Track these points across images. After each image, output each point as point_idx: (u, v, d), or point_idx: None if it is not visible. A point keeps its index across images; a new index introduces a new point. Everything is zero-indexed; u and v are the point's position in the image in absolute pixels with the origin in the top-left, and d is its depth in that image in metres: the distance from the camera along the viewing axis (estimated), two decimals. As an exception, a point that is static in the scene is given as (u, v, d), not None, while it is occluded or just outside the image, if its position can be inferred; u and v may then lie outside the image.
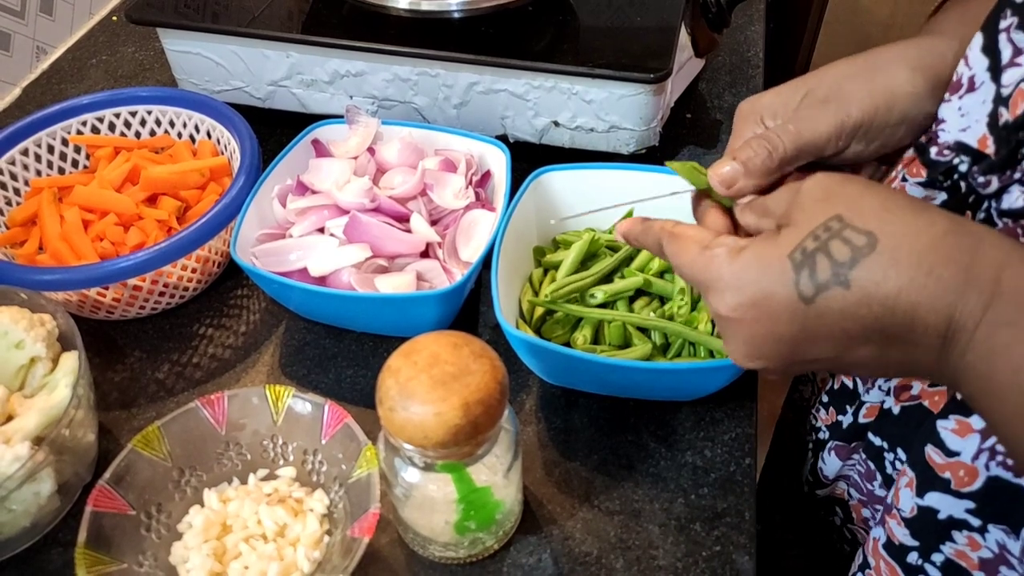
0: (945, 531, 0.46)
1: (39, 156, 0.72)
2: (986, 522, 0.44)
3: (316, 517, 0.52)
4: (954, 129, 0.43)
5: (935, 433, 0.44)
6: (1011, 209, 0.40)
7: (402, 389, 0.44)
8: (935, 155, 0.44)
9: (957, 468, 0.44)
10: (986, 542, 0.44)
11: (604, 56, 0.70)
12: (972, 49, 0.42)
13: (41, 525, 0.54)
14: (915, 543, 0.48)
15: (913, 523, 0.47)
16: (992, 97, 0.41)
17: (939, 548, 0.47)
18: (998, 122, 0.40)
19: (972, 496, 0.44)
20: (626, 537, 0.54)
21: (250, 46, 0.77)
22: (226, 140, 0.72)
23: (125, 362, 0.66)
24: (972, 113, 0.42)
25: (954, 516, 0.45)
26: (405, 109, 0.77)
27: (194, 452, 0.54)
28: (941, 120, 0.44)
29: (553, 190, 0.66)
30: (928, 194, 0.46)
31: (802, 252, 0.36)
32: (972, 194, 0.43)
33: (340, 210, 0.64)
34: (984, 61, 0.41)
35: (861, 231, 0.35)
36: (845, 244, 0.35)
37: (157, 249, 0.61)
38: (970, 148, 0.42)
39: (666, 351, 0.60)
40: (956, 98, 0.43)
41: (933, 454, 0.45)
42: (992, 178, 0.41)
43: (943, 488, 0.45)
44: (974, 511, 0.44)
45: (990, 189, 0.41)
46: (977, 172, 0.41)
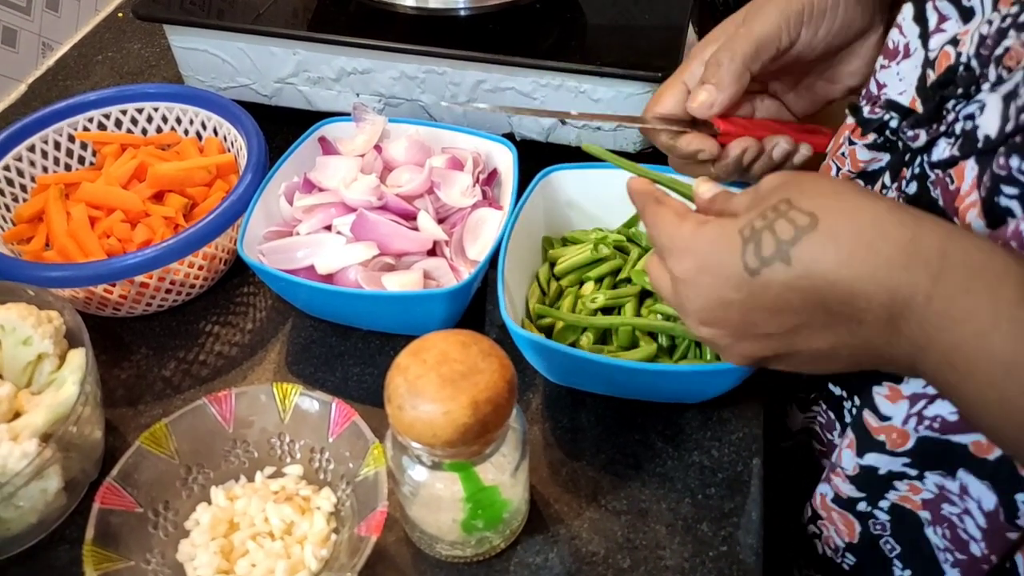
0: (887, 482, 0.48)
1: (46, 153, 0.72)
2: (923, 471, 0.46)
3: (323, 515, 0.52)
4: (894, 93, 0.47)
5: (871, 398, 0.46)
6: (940, 160, 0.42)
7: (411, 387, 0.44)
8: (868, 113, 0.47)
9: (891, 431, 0.46)
10: (925, 486, 0.47)
11: (612, 54, 0.70)
12: (905, 19, 0.45)
13: (48, 522, 0.54)
14: (862, 495, 0.50)
15: (857, 479, 0.50)
16: (922, 61, 0.44)
17: (884, 496, 0.49)
18: (926, 83, 0.43)
19: (906, 454, 0.46)
20: (633, 537, 0.54)
21: (257, 43, 0.76)
22: (233, 137, 0.72)
23: (132, 359, 0.66)
24: (908, 77, 0.46)
25: (892, 470, 0.47)
26: (412, 107, 0.77)
27: (201, 449, 0.54)
28: (883, 85, 0.47)
29: (561, 189, 0.66)
30: (874, 156, 0.49)
31: (750, 228, 0.39)
32: (908, 151, 0.46)
33: (347, 208, 0.64)
34: (916, 29, 0.45)
35: (804, 211, 0.37)
36: (789, 223, 0.38)
37: (164, 246, 0.61)
38: (900, 106, 0.45)
39: (673, 352, 0.60)
40: (894, 64, 0.46)
41: (870, 418, 0.47)
42: (920, 132, 0.43)
43: (880, 449, 0.47)
44: (910, 464, 0.46)
45: (919, 143, 0.44)
46: (906, 127, 0.44)
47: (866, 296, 0.36)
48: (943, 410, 0.43)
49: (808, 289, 0.37)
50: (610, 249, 0.63)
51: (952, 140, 0.41)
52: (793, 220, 0.37)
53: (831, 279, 0.36)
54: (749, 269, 0.38)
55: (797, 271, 0.37)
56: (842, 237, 0.36)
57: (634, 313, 0.61)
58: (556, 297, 0.64)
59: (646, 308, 0.61)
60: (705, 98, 0.49)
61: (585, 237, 0.65)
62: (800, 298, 0.37)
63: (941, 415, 0.43)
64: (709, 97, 0.49)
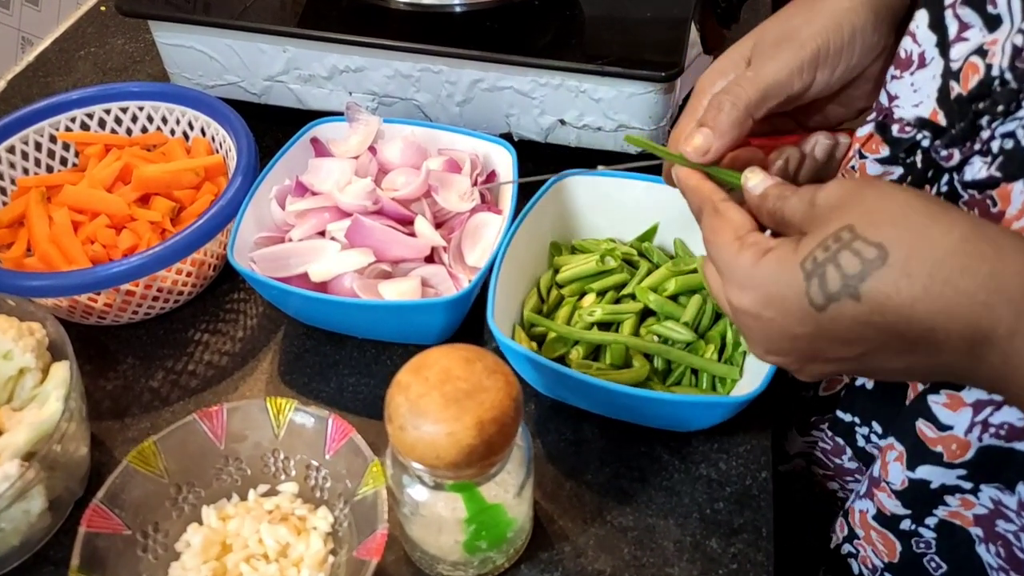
0: (937, 497, 0.46)
1: (26, 154, 0.70)
2: (978, 484, 0.45)
3: (320, 536, 0.50)
4: (908, 104, 0.44)
5: (927, 408, 0.44)
6: (975, 180, 0.40)
7: (412, 407, 0.42)
8: (897, 132, 0.45)
9: (949, 442, 0.44)
10: (979, 500, 0.45)
11: (613, 53, 0.68)
12: (919, 27, 0.43)
13: (31, 543, 0.52)
14: (907, 512, 0.48)
15: (904, 495, 0.48)
16: (941, 72, 0.42)
17: (932, 512, 0.47)
18: (949, 95, 0.41)
19: (963, 465, 0.44)
20: (640, 554, 0.53)
21: (245, 40, 0.74)
22: (221, 138, 0.70)
23: (118, 369, 0.63)
24: (923, 88, 0.43)
25: (946, 484, 0.46)
26: (406, 106, 0.75)
27: (192, 467, 0.52)
28: (895, 96, 0.45)
29: (575, 195, 0.64)
30: (886, 170, 0.47)
31: (812, 261, 0.37)
32: (931, 168, 0.44)
33: (341, 212, 0.62)
34: (932, 37, 0.42)
35: (871, 243, 0.35)
36: (855, 256, 0.35)
37: (151, 253, 0.58)
38: (931, 123, 0.43)
39: (668, 376, 0.58)
40: (908, 74, 0.44)
41: (925, 428, 0.45)
42: (954, 151, 0.41)
43: (935, 461, 0.45)
44: (966, 477, 0.45)
45: (952, 162, 0.42)
46: (940, 146, 0.42)
47: (945, 330, 0.34)
48: (1011, 416, 0.41)
49: (881, 324, 0.35)
50: (617, 262, 0.61)
51: (989, 159, 0.39)
52: (859, 252, 0.35)
53: (906, 315, 0.34)
54: (815, 305, 0.36)
55: (868, 307, 0.35)
56: (915, 273, 0.34)
57: (632, 332, 0.59)
58: (555, 305, 0.62)
59: (645, 328, 0.59)
60: (700, 143, 0.45)
61: (595, 247, 0.63)
62: (873, 331, 0.35)
63: (1009, 422, 0.41)
64: (705, 143, 0.45)
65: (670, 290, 0.60)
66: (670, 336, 0.58)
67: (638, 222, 0.65)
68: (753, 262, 0.39)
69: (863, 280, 0.35)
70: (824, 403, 0.58)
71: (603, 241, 0.64)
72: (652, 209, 0.64)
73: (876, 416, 0.52)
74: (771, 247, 0.39)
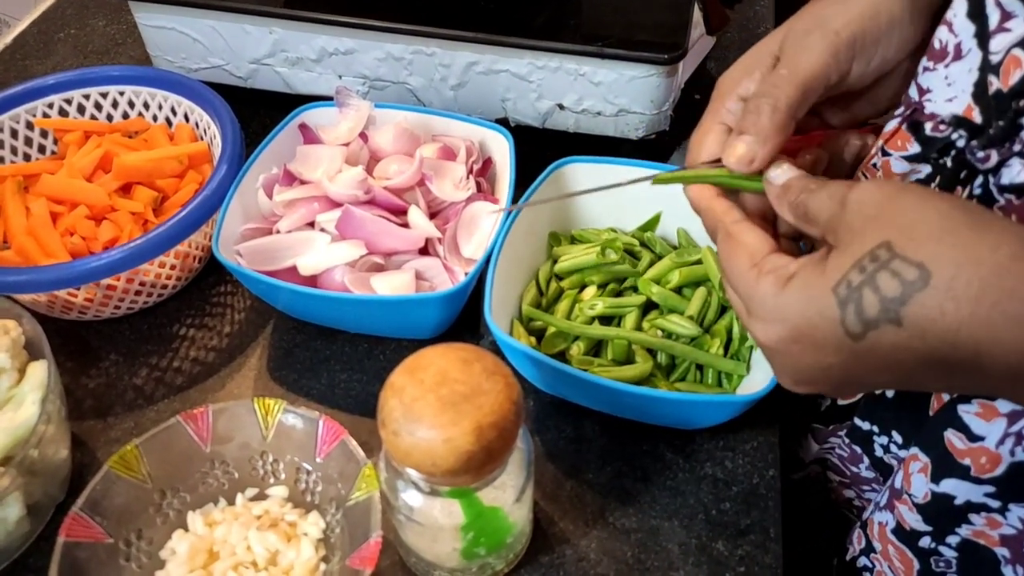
0: (962, 514, 0.44)
1: (2, 142, 0.67)
2: (1007, 503, 0.42)
3: (311, 542, 0.48)
4: (940, 99, 0.41)
5: (957, 418, 0.42)
6: (1013, 184, 0.38)
7: (407, 411, 0.40)
8: (931, 131, 0.42)
9: (979, 454, 0.42)
10: (1007, 520, 0.43)
11: (613, 34, 0.65)
12: (956, 15, 0.39)
13: (9, 551, 0.50)
14: (928, 528, 0.46)
15: (926, 509, 0.45)
16: (979, 65, 0.39)
17: (954, 531, 0.45)
18: (986, 91, 0.38)
19: (992, 481, 0.42)
20: (644, 557, 0.51)
21: (230, 20, 0.71)
22: (205, 124, 0.67)
23: (100, 366, 0.61)
24: (958, 82, 0.40)
25: (972, 501, 0.43)
26: (398, 90, 0.72)
27: (176, 472, 0.50)
28: (927, 90, 0.42)
29: (575, 182, 0.61)
30: (912, 168, 0.44)
31: (847, 286, 0.34)
32: (963, 168, 0.41)
33: (331, 202, 0.60)
34: (971, 27, 0.39)
35: (912, 262, 0.32)
36: (894, 277, 0.32)
37: (133, 246, 0.56)
38: (967, 122, 0.40)
39: (672, 371, 0.56)
40: (942, 66, 0.41)
41: (954, 439, 0.42)
42: (991, 152, 0.38)
43: (961, 475, 0.43)
44: (994, 495, 0.42)
45: (989, 164, 0.39)
46: (976, 147, 0.39)
47: (990, 356, 0.31)
48: None
49: (922, 350, 0.32)
50: (618, 253, 0.59)
51: None
52: (899, 273, 0.32)
53: (950, 340, 0.32)
54: (852, 335, 0.34)
55: (910, 333, 0.32)
56: (961, 296, 0.31)
57: (635, 326, 0.56)
58: (554, 298, 0.59)
59: (648, 322, 0.57)
60: (745, 152, 0.41)
61: (595, 237, 0.61)
62: (913, 357, 0.33)
63: None
64: (749, 151, 0.41)
65: (674, 282, 0.57)
66: (674, 330, 0.56)
67: (640, 211, 0.63)
68: (776, 291, 0.36)
69: (904, 304, 0.32)
70: (842, 411, 0.56)
71: (604, 231, 0.62)
72: (655, 198, 0.61)
73: (896, 426, 0.50)
74: (794, 272, 0.36)
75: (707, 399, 0.51)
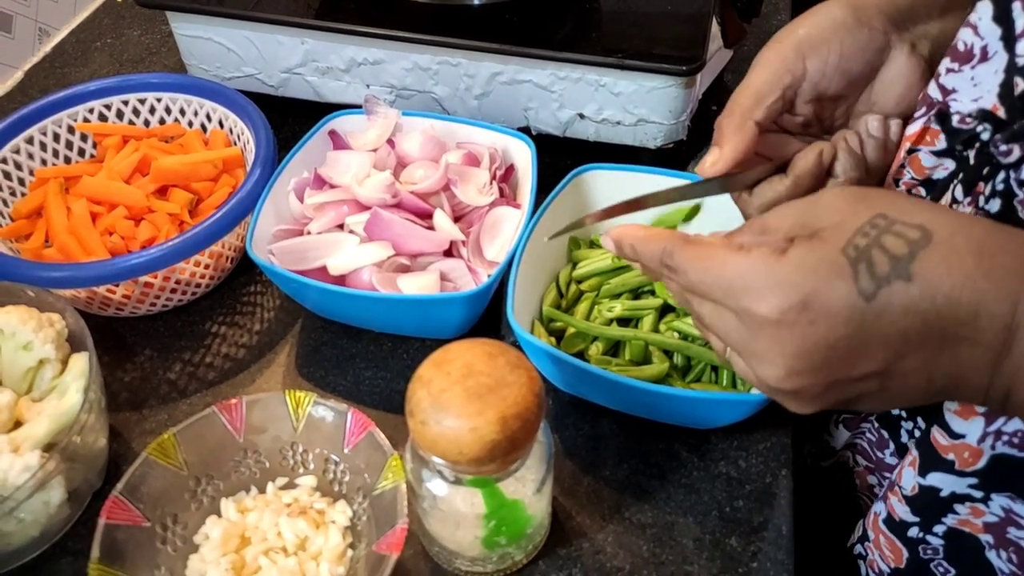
0: (947, 505, 0.46)
1: (44, 145, 0.70)
2: (989, 493, 0.44)
3: (339, 529, 0.50)
4: (967, 99, 0.43)
5: (940, 415, 0.44)
6: None
7: (435, 401, 0.42)
8: (957, 123, 0.44)
9: (961, 450, 0.43)
10: (990, 509, 0.44)
11: (633, 47, 0.67)
12: (982, 19, 0.41)
13: (50, 534, 0.52)
14: (915, 519, 0.48)
15: (914, 501, 0.47)
16: (1005, 67, 0.40)
17: (941, 521, 0.47)
18: (1012, 91, 0.40)
19: (975, 474, 0.43)
20: (659, 552, 0.52)
21: (263, 31, 0.74)
22: (239, 130, 0.70)
23: (135, 361, 0.63)
24: (984, 83, 0.42)
25: (956, 492, 0.45)
26: (424, 99, 0.74)
27: (210, 460, 0.52)
28: (951, 90, 0.44)
29: (595, 189, 0.63)
30: (939, 163, 0.46)
31: (855, 248, 0.34)
32: (986, 164, 0.42)
33: (360, 206, 0.62)
34: (997, 30, 0.41)
35: (912, 224, 0.34)
36: (898, 238, 0.34)
37: (170, 245, 0.58)
38: (993, 116, 0.41)
39: (687, 373, 0.58)
40: (968, 68, 0.42)
41: (938, 435, 0.44)
42: (1014, 147, 0.39)
43: (947, 469, 0.44)
44: (976, 486, 0.44)
45: (1012, 158, 0.40)
46: (1000, 140, 0.40)
47: (990, 314, 0.33)
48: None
49: (929, 312, 0.33)
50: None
51: None
52: (903, 234, 0.34)
53: (956, 296, 0.33)
54: (864, 293, 0.34)
55: (920, 288, 0.33)
56: (963, 249, 0.33)
57: (652, 328, 0.58)
58: (574, 300, 0.61)
59: (664, 324, 0.59)
60: (708, 159, 0.47)
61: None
62: (919, 322, 0.34)
63: (1022, 430, 0.41)
64: (712, 156, 0.47)
65: None
66: (690, 332, 0.58)
67: (662, 216, 0.64)
68: (772, 261, 0.35)
69: (912, 260, 0.33)
70: None
71: None
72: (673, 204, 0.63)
73: (920, 411, 0.51)
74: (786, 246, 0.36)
75: (723, 397, 0.53)
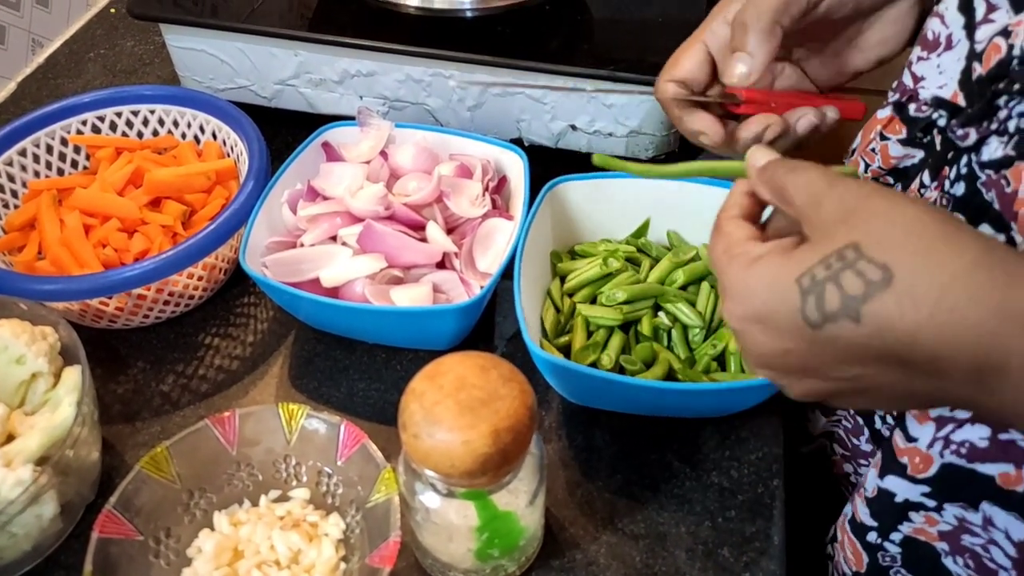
0: (902, 512, 0.46)
1: (37, 157, 0.70)
2: (942, 502, 0.44)
3: (331, 542, 0.50)
4: (932, 86, 0.44)
5: (903, 417, 0.44)
6: (992, 160, 0.39)
7: (427, 414, 0.42)
8: (914, 111, 0.45)
9: (914, 454, 0.44)
10: (943, 518, 0.45)
11: (624, 58, 0.68)
12: (948, 8, 0.42)
13: (43, 548, 0.52)
14: (874, 523, 0.48)
15: (873, 503, 0.48)
16: (966, 54, 0.41)
17: (897, 528, 0.47)
18: (971, 76, 0.41)
19: (927, 481, 0.44)
20: (652, 563, 0.53)
21: (256, 43, 0.74)
22: (232, 142, 0.70)
23: (128, 373, 0.63)
24: (948, 70, 0.43)
25: (910, 499, 0.45)
26: (417, 110, 0.75)
27: (203, 473, 0.52)
28: (920, 77, 0.44)
29: (569, 200, 0.64)
30: (907, 152, 0.46)
31: (811, 278, 0.34)
32: (950, 149, 0.43)
33: (353, 218, 0.62)
34: (960, 19, 0.42)
35: (876, 263, 0.33)
36: (858, 277, 0.33)
37: (164, 258, 0.58)
38: (947, 102, 0.42)
39: (693, 364, 0.58)
40: (935, 56, 0.44)
41: (897, 438, 0.45)
42: (970, 130, 0.40)
43: (900, 473, 0.45)
44: (929, 494, 0.44)
45: (968, 142, 0.41)
46: (956, 125, 0.41)
47: (950, 359, 0.32)
48: (972, 435, 0.41)
49: (880, 348, 0.33)
50: (620, 263, 0.61)
51: (1005, 139, 0.39)
52: (863, 273, 0.33)
53: (908, 341, 0.32)
54: (810, 323, 0.34)
55: (868, 331, 0.33)
56: (921, 298, 0.32)
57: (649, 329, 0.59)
58: (570, 314, 0.62)
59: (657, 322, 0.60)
60: (742, 70, 0.44)
61: (594, 250, 0.63)
62: (872, 354, 0.34)
63: (970, 440, 0.41)
64: (745, 67, 0.44)
65: (679, 282, 0.61)
66: (680, 318, 0.59)
67: (629, 220, 0.65)
68: (743, 272, 0.38)
69: (865, 302, 0.33)
70: None
71: (600, 243, 0.64)
72: (642, 206, 0.65)
73: None
74: (760, 255, 0.37)
75: (739, 385, 0.53)
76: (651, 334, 0.59)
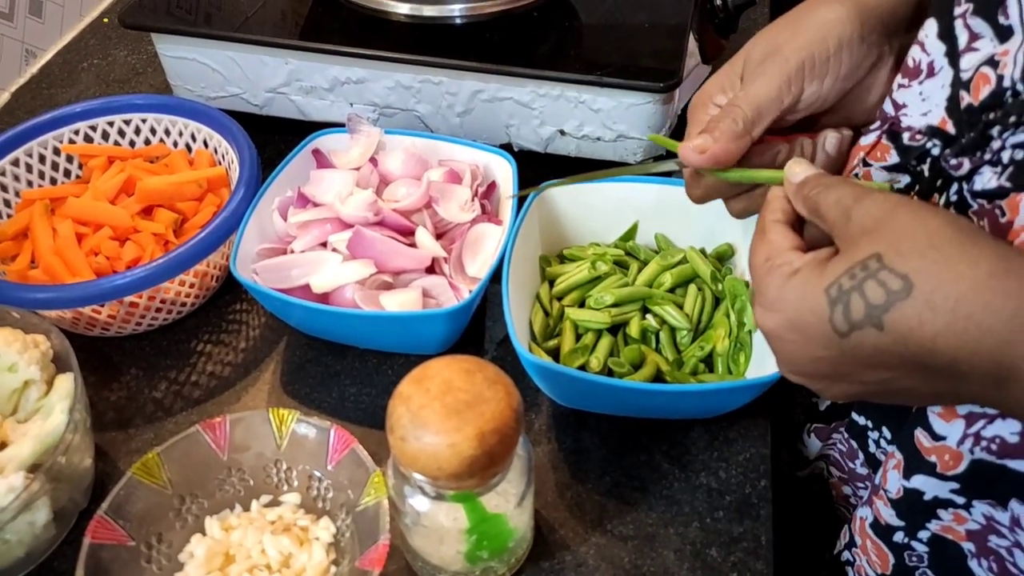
0: (930, 510, 0.47)
1: (30, 166, 0.70)
2: (971, 499, 0.45)
3: (322, 546, 0.51)
4: (916, 114, 0.44)
5: (924, 417, 0.45)
6: (984, 190, 0.40)
7: (414, 418, 0.43)
8: (908, 140, 0.45)
9: (943, 452, 0.44)
10: (972, 516, 0.45)
11: (612, 63, 0.68)
12: (928, 36, 0.43)
13: (36, 554, 0.52)
14: (901, 523, 0.49)
15: (899, 504, 0.48)
16: (951, 81, 0.42)
17: (925, 526, 0.48)
18: (959, 105, 0.41)
19: (956, 478, 0.44)
20: (641, 563, 0.53)
21: (247, 52, 0.75)
22: (224, 150, 0.70)
23: (121, 380, 0.64)
24: (932, 97, 0.43)
25: (939, 496, 0.46)
26: (407, 117, 0.75)
27: (195, 478, 0.52)
28: (902, 105, 0.45)
29: (556, 204, 0.64)
30: (892, 177, 0.47)
31: (838, 288, 0.37)
32: (939, 177, 0.44)
33: (343, 224, 0.62)
34: (942, 47, 0.42)
35: (898, 273, 0.35)
36: (880, 286, 0.35)
37: (155, 265, 0.59)
38: (941, 131, 0.43)
39: (681, 366, 0.59)
40: (916, 83, 0.44)
41: (922, 437, 0.45)
42: (963, 160, 0.41)
43: (929, 471, 0.45)
44: (958, 491, 0.45)
45: (962, 171, 0.42)
46: (949, 155, 0.42)
47: (968, 363, 0.34)
48: (1003, 431, 0.41)
49: (904, 353, 0.36)
50: (609, 265, 0.62)
51: (999, 169, 0.39)
52: (884, 283, 0.35)
53: (928, 347, 0.35)
54: (838, 331, 0.37)
55: (891, 338, 0.35)
56: (939, 307, 0.34)
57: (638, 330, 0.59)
58: (559, 317, 0.62)
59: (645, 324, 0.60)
60: (699, 142, 0.46)
61: (582, 253, 0.64)
62: (896, 360, 0.36)
63: (1001, 436, 0.41)
64: (704, 142, 0.46)
65: (667, 284, 0.61)
66: (667, 319, 0.59)
67: (616, 223, 0.66)
68: (780, 284, 0.40)
69: (887, 311, 0.35)
70: (843, 409, 0.58)
71: (588, 247, 0.65)
72: (630, 210, 0.65)
73: (886, 421, 0.53)
74: (798, 268, 0.40)
75: (729, 386, 0.54)
76: (639, 336, 0.59)
